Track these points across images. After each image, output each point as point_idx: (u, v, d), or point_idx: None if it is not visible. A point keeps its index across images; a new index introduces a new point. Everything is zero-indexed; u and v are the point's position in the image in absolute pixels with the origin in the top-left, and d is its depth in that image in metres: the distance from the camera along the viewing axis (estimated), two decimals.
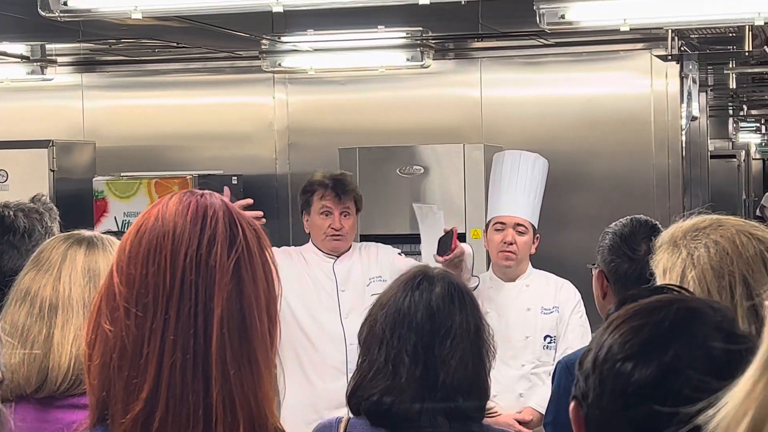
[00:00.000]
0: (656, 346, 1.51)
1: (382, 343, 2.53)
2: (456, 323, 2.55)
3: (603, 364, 1.53)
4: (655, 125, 7.04)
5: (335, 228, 5.12)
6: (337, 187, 5.14)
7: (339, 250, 5.19)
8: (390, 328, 2.54)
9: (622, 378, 1.50)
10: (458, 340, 2.53)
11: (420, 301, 2.56)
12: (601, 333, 1.59)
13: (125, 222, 6.88)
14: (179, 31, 6.24)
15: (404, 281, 2.62)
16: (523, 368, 5.03)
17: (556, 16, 4.67)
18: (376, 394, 2.50)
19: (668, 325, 1.53)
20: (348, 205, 5.15)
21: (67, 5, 4.30)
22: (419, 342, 2.52)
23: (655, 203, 6.92)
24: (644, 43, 7.01)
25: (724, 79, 8.72)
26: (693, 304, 1.60)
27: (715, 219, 2.25)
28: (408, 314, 2.54)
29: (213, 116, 7.85)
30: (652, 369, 1.49)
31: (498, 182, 5.43)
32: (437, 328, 2.53)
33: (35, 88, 7.77)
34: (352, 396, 2.58)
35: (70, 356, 2.36)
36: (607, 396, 1.52)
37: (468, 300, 2.62)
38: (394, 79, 7.42)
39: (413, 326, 2.53)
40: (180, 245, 1.64)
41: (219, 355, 1.61)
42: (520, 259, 5.12)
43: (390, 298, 2.59)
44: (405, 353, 2.51)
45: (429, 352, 2.52)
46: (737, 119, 15.53)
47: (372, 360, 2.54)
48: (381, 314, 2.58)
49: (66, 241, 2.50)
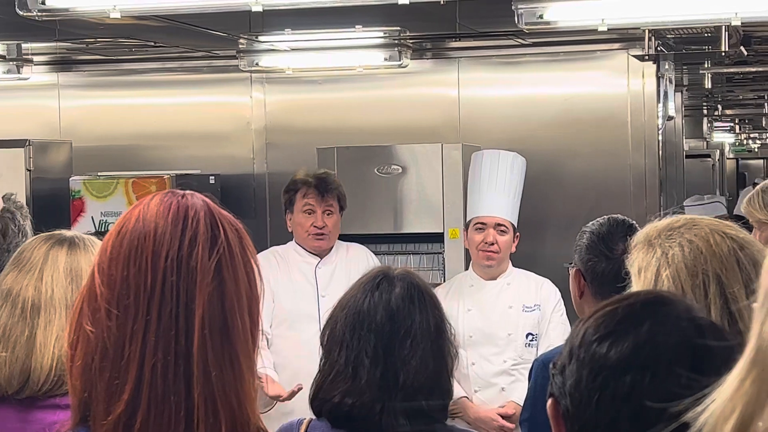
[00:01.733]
0: (630, 324, 1.54)
1: (342, 344, 2.52)
2: (416, 323, 2.54)
3: (579, 349, 1.55)
4: (631, 125, 7.07)
5: (317, 226, 5.12)
6: (319, 186, 5.13)
7: (321, 249, 5.18)
8: (350, 329, 2.53)
9: (599, 357, 1.53)
10: (418, 340, 2.52)
11: (380, 301, 2.55)
12: (574, 327, 1.62)
13: (102, 222, 6.87)
14: (156, 30, 6.23)
15: (364, 282, 2.61)
16: (505, 364, 5.07)
17: (534, 16, 4.69)
18: (337, 395, 2.49)
19: (640, 307, 1.57)
20: (331, 203, 5.15)
21: (45, 4, 4.28)
22: (379, 343, 2.51)
23: (632, 202, 6.95)
24: (621, 43, 7.04)
25: (699, 78, 8.76)
26: (663, 294, 1.66)
27: (689, 219, 2.27)
28: (368, 315, 2.53)
29: (190, 116, 7.84)
30: (628, 343, 1.52)
31: (477, 182, 5.45)
32: (397, 329, 2.52)
33: (11, 87, 7.74)
34: (315, 398, 2.58)
35: (53, 357, 2.35)
36: (585, 379, 1.54)
37: (428, 300, 2.60)
38: (372, 78, 7.43)
39: (373, 327, 2.52)
40: (161, 246, 1.64)
41: (200, 356, 1.61)
42: (502, 258, 5.15)
43: (350, 299, 2.58)
44: (365, 354, 2.50)
45: (389, 353, 2.50)
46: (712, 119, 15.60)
47: (333, 362, 2.53)
48: (341, 315, 2.57)
49: (47, 242, 2.49)
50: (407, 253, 6.51)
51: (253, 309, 1.70)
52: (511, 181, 5.41)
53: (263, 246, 5.79)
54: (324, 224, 5.13)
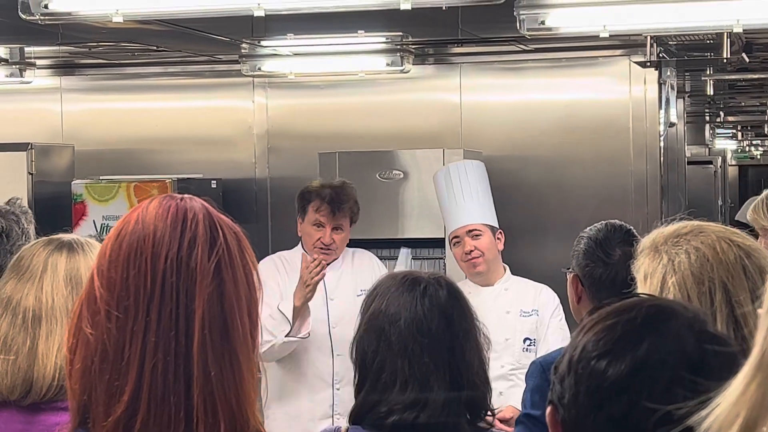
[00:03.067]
0: (629, 342, 1.52)
1: (401, 355, 2.49)
2: (468, 323, 2.58)
3: (578, 364, 1.54)
4: (633, 131, 7.07)
5: (325, 243, 5.10)
6: (333, 203, 5.07)
7: (326, 261, 5.17)
8: (412, 338, 2.49)
9: (597, 375, 1.51)
10: (473, 340, 2.56)
11: (432, 307, 2.54)
12: (575, 336, 1.60)
13: (104, 225, 6.87)
14: (159, 34, 6.23)
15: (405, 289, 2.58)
16: (503, 369, 5.05)
17: (536, 21, 4.68)
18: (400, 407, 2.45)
19: (640, 322, 1.54)
20: (341, 222, 5.10)
21: (47, 8, 4.28)
22: (442, 348, 2.50)
23: (633, 209, 6.95)
24: (623, 49, 7.04)
25: (702, 85, 8.76)
26: (665, 304, 1.62)
27: (696, 225, 2.26)
28: (425, 321, 2.51)
29: (192, 120, 7.84)
30: (625, 364, 1.50)
31: (442, 200, 5.47)
32: (456, 332, 2.53)
33: (14, 90, 7.75)
34: (367, 413, 2.51)
35: (55, 366, 2.35)
36: (583, 395, 1.53)
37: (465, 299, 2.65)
38: (373, 83, 7.43)
39: (432, 333, 2.51)
40: (160, 248, 1.64)
41: (200, 357, 1.61)
42: (489, 260, 5.12)
43: (399, 308, 2.54)
44: (431, 362, 2.48)
45: (450, 357, 2.51)
46: (714, 126, 15.61)
47: (393, 373, 2.48)
48: (395, 327, 2.51)
49: (46, 248, 2.48)
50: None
51: (253, 310, 1.70)
52: (469, 185, 5.39)
53: (265, 250, 5.79)
54: (332, 241, 5.10)
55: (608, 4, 4.73)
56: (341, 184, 5.22)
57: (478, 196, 5.37)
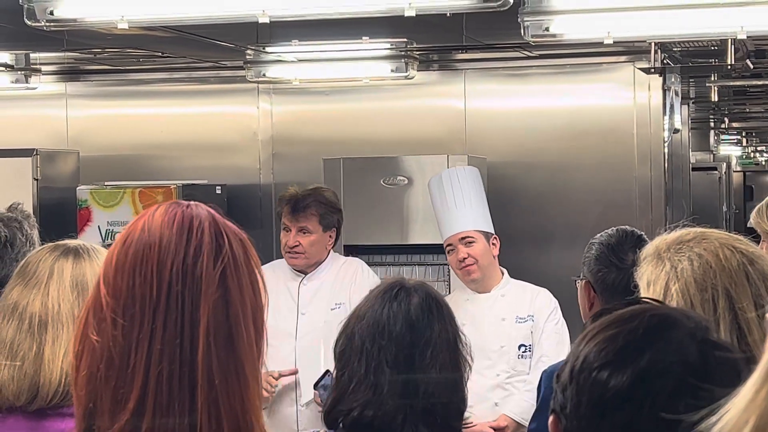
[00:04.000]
0: (631, 353, 1.52)
1: (361, 354, 2.53)
2: (435, 333, 2.56)
3: (579, 374, 1.54)
4: (637, 137, 7.07)
5: (289, 245, 5.12)
6: (293, 206, 5.11)
7: (296, 267, 5.17)
8: (370, 339, 2.54)
9: (599, 386, 1.51)
10: (438, 349, 2.54)
11: (399, 311, 2.57)
12: (577, 344, 1.60)
13: (109, 231, 6.87)
14: (164, 40, 6.24)
15: (381, 292, 2.62)
16: (498, 377, 5.03)
17: (541, 28, 4.69)
18: (357, 407, 2.50)
19: (642, 332, 1.54)
20: (304, 224, 5.10)
21: (53, 15, 4.30)
22: (400, 352, 2.52)
23: (638, 215, 6.95)
24: (627, 55, 7.04)
25: (706, 91, 8.77)
26: (667, 312, 1.61)
27: (699, 232, 2.26)
28: (387, 325, 2.55)
29: (197, 126, 7.85)
30: (627, 375, 1.50)
31: (436, 208, 5.45)
32: (417, 338, 2.54)
33: (19, 96, 7.77)
34: (332, 410, 2.57)
35: (61, 372, 2.35)
36: (585, 405, 1.53)
37: (445, 310, 2.63)
38: (378, 89, 7.44)
39: (393, 336, 2.53)
40: (166, 256, 1.65)
41: (205, 365, 1.61)
42: (483, 267, 5.09)
43: (368, 310, 2.59)
44: (385, 364, 2.51)
45: (409, 362, 2.52)
46: (718, 132, 15.60)
47: (351, 373, 2.53)
48: (359, 326, 2.57)
49: (52, 253, 2.48)
50: (413, 264, 6.52)
51: (258, 318, 1.70)
52: (461, 192, 5.35)
53: (269, 256, 5.80)
54: (296, 243, 5.10)
55: (612, 10, 4.74)
56: (312, 189, 5.23)
57: (471, 203, 5.33)
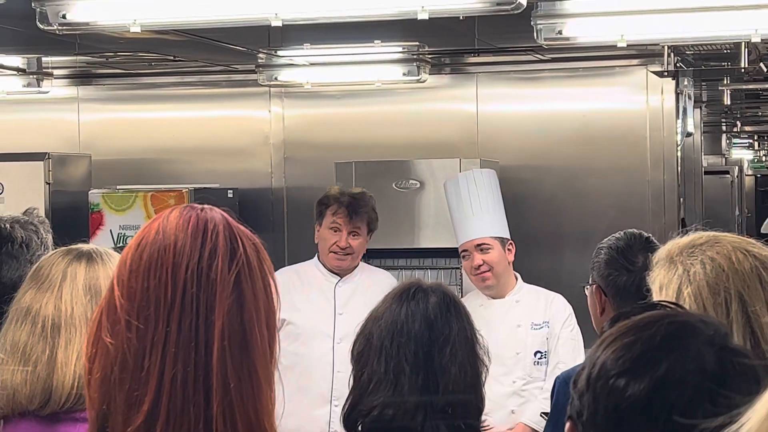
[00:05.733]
0: (648, 361, 1.51)
1: (380, 354, 2.54)
2: (454, 331, 2.57)
3: (596, 381, 1.53)
4: (650, 141, 7.06)
5: (341, 246, 5.10)
6: (350, 207, 5.11)
7: (341, 269, 5.16)
8: (389, 338, 2.54)
9: (616, 394, 1.50)
10: (456, 347, 2.55)
11: (417, 310, 2.58)
12: (594, 350, 1.59)
13: (121, 235, 6.88)
14: (176, 44, 6.25)
15: (398, 293, 2.63)
16: (514, 384, 5.01)
17: (554, 31, 4.68)
18: (377, 407, 2.50)
19: (660, 340, 1.53)
20: (359, 225, 5.12)
21: (66, 18, 4.30)
22: (419, 350, 2.53)
23: (650, 219, 6.93)
24: (640, 59, 7.03)
25: (718, 95, 8.75)
26: (684, 319, 1.60)
27: (711, 236, 2.26)
28: (406, 324, 2.55)
29: (209, 130, 7.86)
30: (645, 384, 1.49)
31: (452, 211, 5.43)
32: (436, 337, 2.55)
33: (31, 100, 7.78)
34: (351, 412, 2.57)
35: (74, 376, 2.35)
36: (602, 413, 1.52)
37: (462, 310, 2.65)
38: (390, 93, 7.44)
39: (411, 335, 2.54)
40: (181, 258, 1.65)
41: (220, 368, 1.61)
42: (498, 273, 5.07)
43: (385, 311, 2.60)
44: (405, 361, 2.51)
45: (429, 360, 2.53)
46: (730, 135, 15.57)
47: (371, 372, 2.54)
48: (377, 327, 2.58)
49: (65, 257, 2.49)
50: (425, 268, 6.51)
51: (271, 322, 1.70)
52: (478, 197, 5.33)
53: (281, 260, 5.80)
54: (347, 245, 5.11)
55: (626, 13, 4.73)
56: (360, 192, 5.26)
57: (488, 208, 5.30)
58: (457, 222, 5.31)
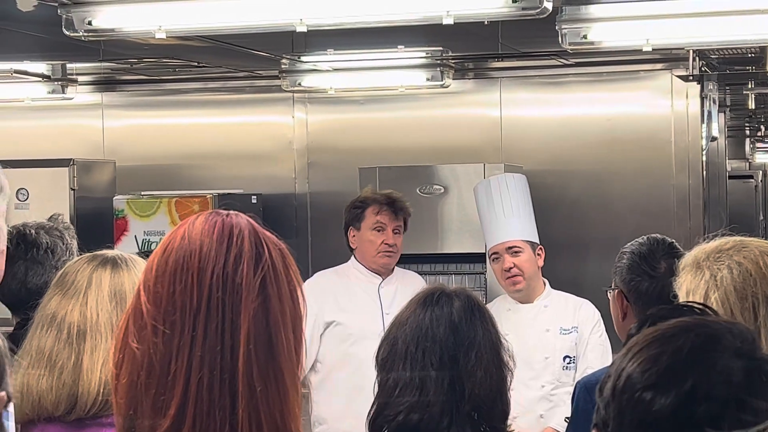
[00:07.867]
0: (675, 375, 1.50)
1: (405, 358, 2.54)
2: (479, 335, 2.57)
3: (622, 394, 1.52)
4: (675, 145, 7.03)
5: (388, 244, 5.13)
6: (392, 205, 5.17)
7: (388, 267, 5.19)
8: (414, 343, 2.54)
9: (642, 408, 1.49)
10: (482, 351, 2.55)
11: (441, 315, 2.58)
12: (620, 359, 1.57)
13: (145, 241, 6.90)
14: (200, 50, 6.27)
15: (422, 298, 2.64)
16: (543, 389, 5.00)
17: (578, 36, 4.67)
18: (403, 411, 2.50)
19: (686, 353, 1.51)
20: (400, 223, 5.19)
21: (91, 25, 4.32)
22: (444, 354, 2.53)
23: (675, 223, 6.91)
24: (665, 63, 7.01)
25: (743, 99, 8.70)
26: (711, 330, 1.57)
27: (738, 241, 2.25)
28: (431, 329, 2.55)
29: (233, 135, 7.87)
30: (671, 398, 1.48)
31: (482, 214, 5.42)
32: (461, 341, 2.55)
33: (56, 107, 7.81)
34: (377, 417, 2.57)
35: (100, 382, 2.36)
36: (627, 426, 1.51)
37: (487, 315, 2.64)
38: (413, 98, 7.43)
39: (437, 339, 2.54)
40: (207, 263, 1.65)
41: (246, 372, 1.62)
42: (529, 277, 5.06)
43: (409, 316, 2.60)
44: (431, 366, 2.51)
45: (454, 364, 2.52)
46: (754, 140, 15.50)
47: (397, 377, 2.54)
48: (401, 332, 2.58)
49: (90, 263, 2.49)
50: (449, 273, 6.50)
51: (297, 326, 1.71)
52: (510, 200, 5.33)
53: (305, 265, 5.80)
54: (394, 242, 5.16)
55: (650, 18, 4.72)
56: (392, 192, 5.35)
57: (519, 212, 5.31)
58: (488, 224, 5.31)
